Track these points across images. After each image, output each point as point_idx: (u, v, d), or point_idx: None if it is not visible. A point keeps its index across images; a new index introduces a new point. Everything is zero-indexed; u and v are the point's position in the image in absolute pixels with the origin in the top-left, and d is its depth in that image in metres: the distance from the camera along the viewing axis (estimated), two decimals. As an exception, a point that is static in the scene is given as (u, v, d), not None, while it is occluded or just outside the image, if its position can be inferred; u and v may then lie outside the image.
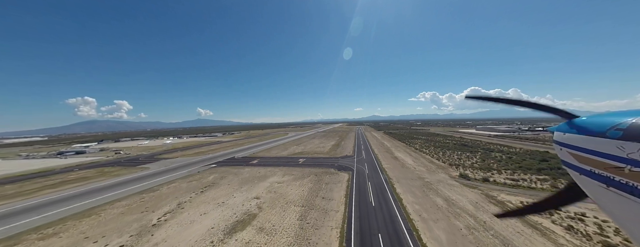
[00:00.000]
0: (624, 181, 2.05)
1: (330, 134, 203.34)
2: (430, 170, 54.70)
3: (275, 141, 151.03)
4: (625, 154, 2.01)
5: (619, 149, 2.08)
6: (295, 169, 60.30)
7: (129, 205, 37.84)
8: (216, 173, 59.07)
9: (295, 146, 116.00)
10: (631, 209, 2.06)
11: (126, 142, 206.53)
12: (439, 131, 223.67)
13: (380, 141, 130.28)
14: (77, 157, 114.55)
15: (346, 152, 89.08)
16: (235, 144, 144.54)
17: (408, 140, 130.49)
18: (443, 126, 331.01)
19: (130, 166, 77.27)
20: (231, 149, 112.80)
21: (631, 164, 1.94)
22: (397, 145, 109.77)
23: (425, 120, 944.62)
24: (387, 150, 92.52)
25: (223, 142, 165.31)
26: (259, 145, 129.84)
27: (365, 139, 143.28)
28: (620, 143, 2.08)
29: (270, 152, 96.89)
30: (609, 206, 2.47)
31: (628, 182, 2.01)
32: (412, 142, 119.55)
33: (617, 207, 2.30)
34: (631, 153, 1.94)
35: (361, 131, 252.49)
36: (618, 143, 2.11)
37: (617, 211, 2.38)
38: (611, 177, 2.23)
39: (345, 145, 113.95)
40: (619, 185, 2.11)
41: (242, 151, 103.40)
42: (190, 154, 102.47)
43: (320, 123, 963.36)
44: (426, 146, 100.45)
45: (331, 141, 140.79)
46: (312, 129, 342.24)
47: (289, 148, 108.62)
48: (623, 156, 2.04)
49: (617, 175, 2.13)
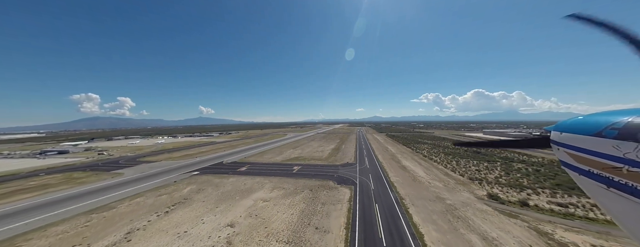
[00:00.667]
0: (623, 181, 2.06)
1: (330, 136, 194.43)
2: (449, 186, 45.61)
3: (272, 143, 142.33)
4: (622, 154, 2.02)
5: (615, 149, 2.10)
6: (287, 180, 51.45)
7: (64, 232, 29.12)
8: (194, 184, 50.30)
9: (291, 150, 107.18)
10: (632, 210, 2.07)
11: (118, 141, 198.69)
12: (444, 134, 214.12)
13: (384, 145, 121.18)
14: (58, 157, 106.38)
15: (347, 158, 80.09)
16: (230, 145, 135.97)
17: (413, 145, 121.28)
18: (447, 129, 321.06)
19: (105, 170, 68.71)
20: (222, 152, 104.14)
21: (628, 164, 1.94)
22: (403, 151, 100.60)
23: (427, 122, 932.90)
24: (392, 156, 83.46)
25: (217, 143, 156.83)
26: (254, 147, 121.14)
27: (368, 143, 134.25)
28: (616, 142, 2.10)
29: (264, 156, 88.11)
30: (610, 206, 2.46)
31: (627, 182, 2.01)
32: (418, 147, 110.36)
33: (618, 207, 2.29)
34: (627, 153, 1.95)
35: (363, 133, 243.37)
36: (614, 143, 2.13)
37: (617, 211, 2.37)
38: (611, 178, 2.23)
39: (346, 149, 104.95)
40: (619, 185, 2.13)
41: (233, 155, 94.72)
42: (177, 156, 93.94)
43: (321, 123, 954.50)
44: (435, 153, 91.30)
45: (331, 144, 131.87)
46: (312, 130, 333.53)
47: (285, 152, 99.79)
48: (619, 156, 2.04)
49: (616, 175, 2.14)
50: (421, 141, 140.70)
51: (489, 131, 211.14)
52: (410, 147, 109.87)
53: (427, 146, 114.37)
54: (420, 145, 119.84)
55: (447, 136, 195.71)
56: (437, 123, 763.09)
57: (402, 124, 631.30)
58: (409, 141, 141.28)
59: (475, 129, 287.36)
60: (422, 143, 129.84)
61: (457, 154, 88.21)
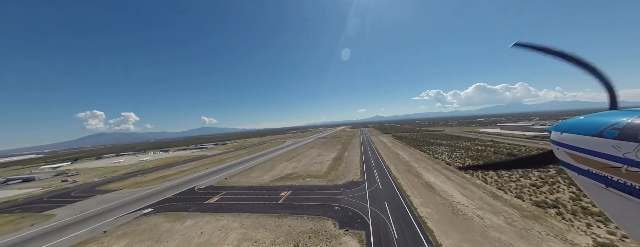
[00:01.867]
0: (621, 180, 2.10)
1: (331, 142, 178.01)
2: (516, 224, 28.95)
3: (265, 154, 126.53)
4: (622, 154, 2.03)
5: (615, 149, 2.13)
6: (267, 220, 35.35)
7: None
8: (129, 235, 34.42)
9: (286, 163, 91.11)
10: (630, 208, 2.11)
11: (105, 160, 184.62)
12: (455, 131, 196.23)
13: (393, 150, 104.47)
14: (17, 187, 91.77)
15: (351, 172, 63.72)
16: (218, 159, 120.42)
17: (427, 147, 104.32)
18: (456, 125, 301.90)
19: (38, 210, 53.08)
20: (204, 170, 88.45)
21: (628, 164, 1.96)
22: (418, 157, 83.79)
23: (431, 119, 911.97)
24: (407, 167, 66.87)
25: (207, 157, 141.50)
26: (243, 162, 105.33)
27: (373, 148, 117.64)
28: (617, 143, 2.13)
29: (250, 175, 72.09)
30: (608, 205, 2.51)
31: (626, 182, 2.03)
32: (434, 150, 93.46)
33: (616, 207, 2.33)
34: (627, 153, 1.96)
35: (366, 135, 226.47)
36: (614, 143, 2.16)
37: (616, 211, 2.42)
38: (609, 177, 2.27)
39: (349, 159, 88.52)
40: (617, 185, 2.17)
41: (215, 174, 78.95)
42: (148, 180, 78.43)
43: (323, 126, 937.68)
44: (458, 157, 74.45)
45: (332, 151, 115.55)
46: (313, 134, 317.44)
47: (277, 167, 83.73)
48: (619, 156, 2.07)
49: (615, 175, 2.18)
50: (434, 142, 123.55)
51: (504, 125, 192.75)
52: (424, 151, 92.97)
53: (444, 149, 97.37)
54: (435, 147, 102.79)
55: (459, 133, 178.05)
56: (442, 119, 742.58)
57: (405, 123, 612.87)
58: (420, 143, 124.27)
59: (487, 124, 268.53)
60: (436, 144, 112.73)
61: (486, 158, 71.31)
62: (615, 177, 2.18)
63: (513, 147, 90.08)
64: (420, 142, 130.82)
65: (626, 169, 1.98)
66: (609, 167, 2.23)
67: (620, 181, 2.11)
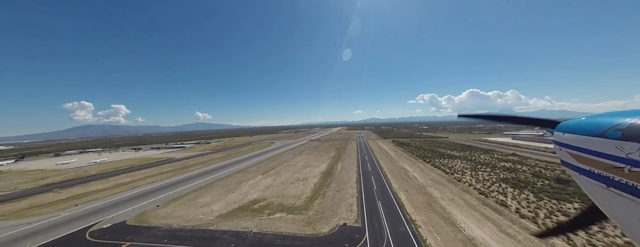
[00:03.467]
0: (623, 181, 2.07)
1: (324, 146, 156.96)
2: None
3: (244, 160, 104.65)
4: (625, 154, 2.01)
5: (618, 149, 2.10)
6: None
7: None
8: None
9: (260, 176, 69.62)
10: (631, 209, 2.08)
11: (55, 159, 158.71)
12: (461, 139, 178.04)
13: (398, 163, 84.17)
14: None
15: (344, 204, 42.84)
16: (182, 166, 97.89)
17: (439, 160, 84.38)
18: (457, 132, 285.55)
19: None
20: (145, 187, 66.19)
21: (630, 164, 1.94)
22: (433, 177, 63.47)
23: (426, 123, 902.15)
24: (424, 195, 46.41)
25: (174, 160, 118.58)
26: (208, 172, 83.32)
27: (373, 158, 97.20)
28: (619, 143, 2.10)
29: (198, 199, 50.41)
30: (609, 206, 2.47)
31: (628, 182, 2.01)
32: (448, 165, 73.39)
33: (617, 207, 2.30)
34: (630, 153, 1.94)
35: (364, 139, 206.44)
36: (617, 143, 2.12)
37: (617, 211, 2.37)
38: (611, 178, 2.24)
39: (342, 176, 67.68)
40: (619, 185, 2.13)
41: (153, 194, 56.95)
42: (60, 199, 55.79)
43: (319, 127, 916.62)
44: (489, 181, 54.51)
45: (322, 161, 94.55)
46: (307, 135, 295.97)
47: (245, 184, 62.20)
48: (622, 156, 2.04)
49: (617, 175, 2.14)
50: (444, 153, 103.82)
51: (516, 135, 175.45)
52: (438, 167, 72.74)
53: (461, 164, 77.50)
54: (449, 161, 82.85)
55: (466, 141, 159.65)
56: (438, 123, 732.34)
57: (402, 126, 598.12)
58: (427, 153, 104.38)
59: (488, 131, 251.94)
60: (448, 157, 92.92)
61: (525, 182, 51.54)
62: (617, 177, 2.12)
63: (547, 165, 71.07)
64: (427, 152, 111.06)
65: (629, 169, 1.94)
66: (611, 168, 2.18)
67: (622, 181, 2.05)
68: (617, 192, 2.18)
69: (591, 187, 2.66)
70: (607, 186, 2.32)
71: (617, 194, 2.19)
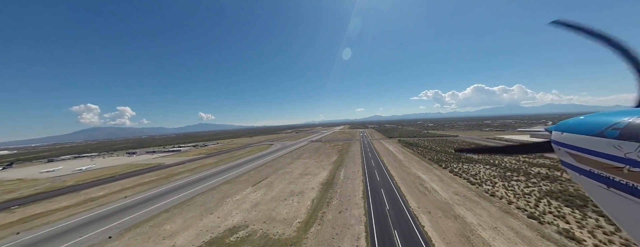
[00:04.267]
0: (623, 181, 2.04)
1: (325, 148, 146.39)
2: None
3: (236, 166, 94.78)
4: (623, 154, 1.98)
5: (617, 149, 2.06)
6: None
7: None
8: None
9: (249, 189, 59.47)
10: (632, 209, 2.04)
11: (50, 164, 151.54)
12: (472, 137, 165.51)
13: (409, 169, 73.11)
14: None
15: (348, 235, 32.35)
16: (168, 174, 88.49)
17: (457, 165, 72.94)
18: (465, 129, 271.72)
19: None
20: (121, 202, 56.64)
21: (629, 164, 1.91)
22: (458, 190, 52.29)
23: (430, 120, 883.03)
24: (454, 220, 35.55)
25: (163, 166, 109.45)
26: (194, 182, 73.56)
27: (380, 162, 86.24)
28: (618, 143, 2.06)
29: (164, 226, 40.41)
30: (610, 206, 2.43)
31: (627, 182, 1.97)
32: (470, 172, 62.02)
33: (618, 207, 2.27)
34: (629, 153, 1.91)
35: (368, 139, 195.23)
36: (615, 143, 2.09)
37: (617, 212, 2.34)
38: (611, 178, 2.21)
39: (346, 188, 57.06)
40: (619, 185, 2.10)
41: (125, 211, 47.22)
42: (9, 222, 46.56)
43: (321, 126, 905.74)
44: (531, 196, 43.15)
45: (323, 167, 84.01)
46: (308, 135, 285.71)
47: (229, 200, 52.10)
48: (621, 156, 2.01)
49: (617, 175, 2.11)
50: (461, 155, 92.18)
51: (534, 133, 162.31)
52: (459, 175, 61.35)
53: (485, 170, 65.85)
54: (470, 167, 71.20)
55: (477, 139, 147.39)
56: (443, 120, 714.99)
57: (406, 123, 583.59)
58: (440, 155, 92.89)
59: (498, 127, 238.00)
60: (466, 160, 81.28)
61: (586, 200, 40.12)
62: (616, 177, 2.10)
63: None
64: (440, 154, 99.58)
65: (628, 169, 1.91)
66: (611, 168, 2.14)
67: (621, 181, 2.03)
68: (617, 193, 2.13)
69: (591, 187, 2.59)
70: (607, 187, 2.26)
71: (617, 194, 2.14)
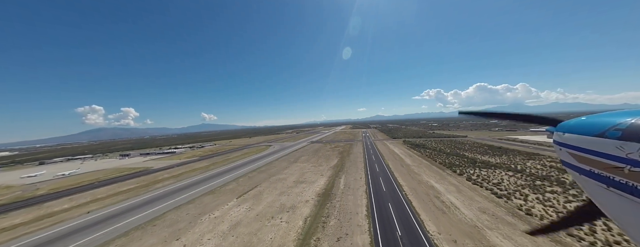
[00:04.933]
0: (623, 181, 2.06)
1: (326, 149, 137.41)
2: None
3: (227, 171, 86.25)
4: (625, 154, 2.00)
5: (618, 149, 2.09)
6: None
7: None
8: None
9: (234, 201, 50.70)
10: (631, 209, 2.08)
11: (34, 168, 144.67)
12: (483, 138, 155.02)
13: (419, 177, 63.81)
14: None
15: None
16: (152, 180, 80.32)
17: (474, 171, 63.34)
18: (474, 129, 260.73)
19: None
20: (80, 219, 48.27)
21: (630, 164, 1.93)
22: (484, 205, 42.88)
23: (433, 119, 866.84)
24: (481, 244, 26.55)
25: (148, 172, 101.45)
26: (176, 191, 65.11)
27: (385, 167, 76.93)
28: (620, 143, 2.09)
29: (131, 246, 31.92)
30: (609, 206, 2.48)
31: (628, 182, 2.00)
32: (491, 180, 52.40)
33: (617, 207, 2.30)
34: (630, 153, 1.93)
35: (371, 140, 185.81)
36: (617, 143, 2.12)
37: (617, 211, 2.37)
38: (611, 178, 2.23)
39: (346, 200, 47.95)
40: (619, 185, 2.13)
41: (76, 234, 38.89)
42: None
43: (322, 125, 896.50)
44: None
45: (321, 173, 74.96)
46: (309, 135, 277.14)
47: (209, 215, 43.37)
48: (622, 156, 2.03)
49: (617, 175, 2.13)
50: (475, 159, 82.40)
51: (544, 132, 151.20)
52: (479, 184, 51.63)
53: (509, 177, 56.04)
54: (490, 174, 61.53)
55: (491, 141, 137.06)
56: (446, 120, 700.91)
57: (409, 123, 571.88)
58: (453, 159, 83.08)
59: (517, 128, 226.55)
60: (484, 165, 71.38)
61: None
62: (617, 177, 2.12)
63: None
64: (451, 157, 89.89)
65: (629, 169, 1.92)
66: (612, 168, 2.16)
67: (622, 181, 2.05)
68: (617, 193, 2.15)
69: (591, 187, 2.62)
70: (607, 186, 2.29)
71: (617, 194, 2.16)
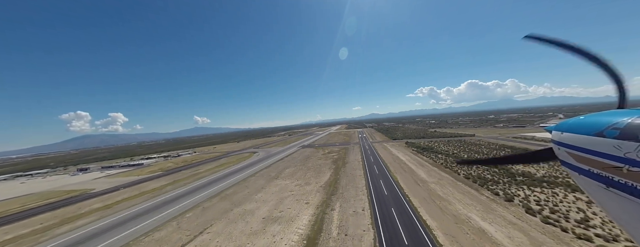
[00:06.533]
0: (622, 180, 2.07)
1: (317, 157, 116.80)
2: None
3: (177, 199, 64.44)
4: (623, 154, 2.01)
5: (616, 149, 2.10)
6: None
7: None
8: None
9: None
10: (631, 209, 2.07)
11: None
12: (493, 137, 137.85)
13: (451, 206, 43.92)
14: None
15: None
16: (64, 218, 57.59)
17: (514, 186, 44.07)
18: (472, 126, 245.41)
19: None
20: None
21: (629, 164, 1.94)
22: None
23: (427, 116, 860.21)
24: None
25: (78, 199, 78.45)
26: (104, 231, 43.03)
27: (394, 183, 56.80)
28: (618, 142, 2.09)
29: None
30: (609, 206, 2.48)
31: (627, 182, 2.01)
32: (549, 202, 33.33)
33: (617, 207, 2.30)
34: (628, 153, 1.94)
35: (368, 142, 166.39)
36: (615, 142, 2.12)
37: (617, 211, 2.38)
38: (610, 177, 2.24)
39: None
40: (618, 185, 2.14)
41: None
42: None
43: (317, 126, 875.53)
44: None
45: (307, 198, 54.09)
46: (300, 138, 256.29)
47: None
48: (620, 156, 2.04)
49: (616, 175, 2.14)
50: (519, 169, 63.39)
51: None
52: (552, 220, 32.41)
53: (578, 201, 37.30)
54: (543, 193, 42.34)
55: (503, 140, 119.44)
56: (439, 116, 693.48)
57: (405, 121, 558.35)
58: (483, 171, 63.99)
59: (527, 124, 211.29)
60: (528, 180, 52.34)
61: None
62: (616, 177, 2.12)
63: None
64: (475, 166, 70.89)
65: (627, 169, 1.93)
66: (610, 167, 2.17)
67: (621, 181, 2.05)
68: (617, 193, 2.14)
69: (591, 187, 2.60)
70: (606, 187, 2.28)
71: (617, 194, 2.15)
